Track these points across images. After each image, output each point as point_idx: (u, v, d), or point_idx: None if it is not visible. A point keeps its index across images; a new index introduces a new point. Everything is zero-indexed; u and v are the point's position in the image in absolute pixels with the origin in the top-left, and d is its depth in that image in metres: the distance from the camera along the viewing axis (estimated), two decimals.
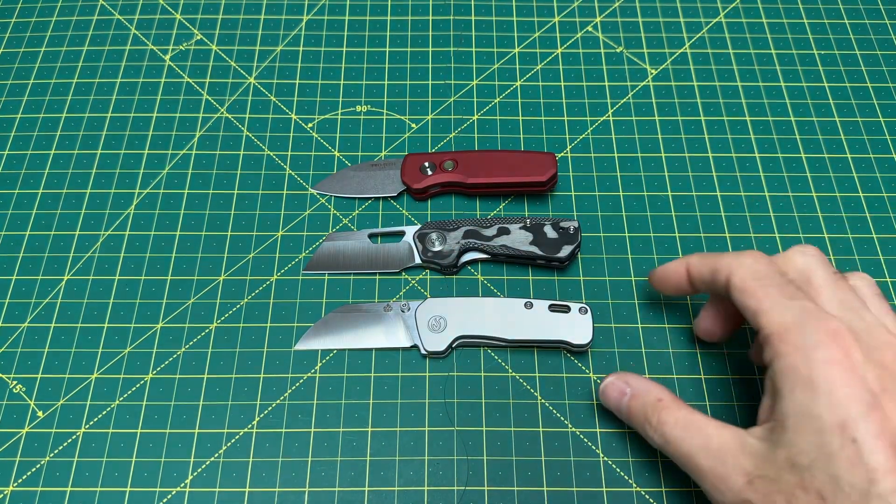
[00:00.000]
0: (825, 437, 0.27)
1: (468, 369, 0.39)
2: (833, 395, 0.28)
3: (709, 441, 0.31)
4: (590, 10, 0.52)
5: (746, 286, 0.32)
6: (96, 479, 0.36)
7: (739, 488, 0.29)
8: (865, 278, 0.33)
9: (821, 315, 0.30)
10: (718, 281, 0.33)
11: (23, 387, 0.38)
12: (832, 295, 0.31)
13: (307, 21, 0.51)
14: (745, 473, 0.29)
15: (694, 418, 0.32)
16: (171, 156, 0.45)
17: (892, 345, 0.30)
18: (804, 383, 0.28)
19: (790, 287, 0.31)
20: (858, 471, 0.27)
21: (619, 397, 0.35)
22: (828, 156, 0.46)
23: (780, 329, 0.30)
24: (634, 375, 0.35)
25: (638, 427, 0.34)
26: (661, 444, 0.33)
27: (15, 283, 0.41)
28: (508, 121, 0.47)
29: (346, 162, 0.45)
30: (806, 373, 0.28)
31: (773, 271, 0.32)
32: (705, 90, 0.48)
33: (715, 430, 0.31)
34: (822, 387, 0.28)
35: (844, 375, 0.28)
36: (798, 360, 0.29)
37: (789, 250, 0.33)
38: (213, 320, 0.40)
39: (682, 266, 0.36)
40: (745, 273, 0.32)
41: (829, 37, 0.50)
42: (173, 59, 0.49)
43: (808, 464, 0.28)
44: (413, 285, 0.41)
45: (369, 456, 0.36)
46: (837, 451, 0.27)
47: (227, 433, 0.37)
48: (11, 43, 0.50)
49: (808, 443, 0.28)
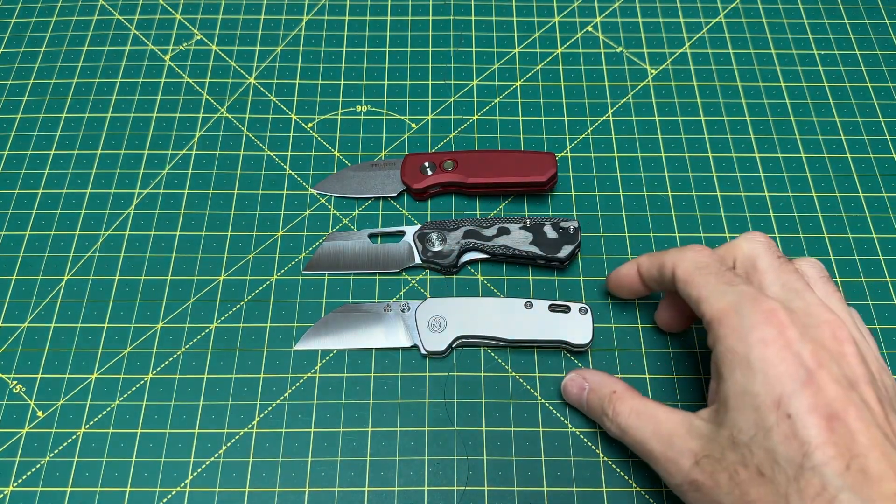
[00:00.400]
0: (762, 413, 0.28)
1: (468, 369, 0.39)
2: (768, 372, 0.29)
3: (659, 426, 0.32)
4: (590, 10, 0.52)
5: (688, 277, 0.33)
6: (96, 479, 0.36)
7: (688, 469, 0.30)
8: (813, 262, 0.34)
9: (757, 297, 0.31)
10: (666, 277, 0.35)
11: (23, 387, 0.38)
12: (776, 278, 0.32)
13: (307, 21, 0.51)
14: (692, 455, 0.30)
15: (646, 406, 0.33)
16: (171, 156, 0.45)
17: (831, 322, 0.30)
18: (742, 364, 0.29)
19: (728, 274, 0.32)
20: (793, 445, 0.27)
21: (580, 393, 0.36)
22: (828, 156, 0.46)
23: (718, 314, 0.31)
24: (592, 371, 0.37)
25: (597, 420, 0.36)
26: (618, 433, 0.34)
27: (15, 283, 0.41)
28: (508, 121, 0.47)
29: (346, 162, 0.45)
30: (743, 353, 0.29)
31: (714, 261, 0.33)
32: (705, 90, 0.48)
33: (665, 415, 0.32)
34: (757, 365, 0.29)
35: (779, 353, 0.29)
36: (735, 341, 0.30)
37: (738, 238, 0.35)
38: (213, 320, 0.40)
39: (633, 268, 0.37)
40: (687, 265, 0.33)
41: (829, 37, 0.50)
42: (173, 59, 0.49)
43: (747, 441, 0.28)
44: (413, 285, 0.41)
45: (369, 456, 0.36)
46: (773, 426, 0.28)
47: (227, 433, 0.37)
48: (11, 43, 0.50)
49: (746, 420, 0.29)
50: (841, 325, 0.30)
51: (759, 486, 0.28)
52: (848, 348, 0.30)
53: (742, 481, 0.28)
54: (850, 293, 0.41)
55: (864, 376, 0.29)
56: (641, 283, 0.37)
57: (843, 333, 0.30)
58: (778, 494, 0.27)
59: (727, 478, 0.29)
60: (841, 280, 0.41)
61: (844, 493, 0.26)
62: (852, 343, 0.30)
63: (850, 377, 0.29)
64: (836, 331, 0.30)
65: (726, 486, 0.29)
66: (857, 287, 0.41)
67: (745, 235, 0.34)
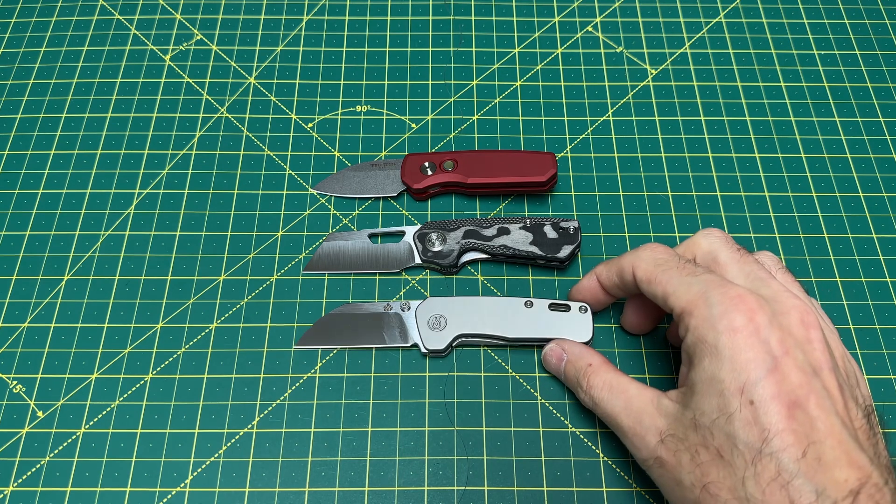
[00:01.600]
0: (726, 399, 0.29)
1: (468, 369, 0.39)
2: (735, 360, 0.29)
3: (630, 402, 0.33)
4: (590, 10, 0.52)
5: (651, 275, 0.34)
6: (96, 479, 0.36)
7: (654, 446, 0.31)
8: (770, 255, 0.35)
9: (724, 283, 0.31)
10: (627, 281, 0.35)
11: (23, 387, 0.38)
12: (738, 270, 0.33)
13: (307, 21, 0.51)
14: (658, 432, 0.31)
15: (619, 380, 0.34)
16: (171, 156, 0.45)
17: (798, 308, 0.31)
18: (711, 352, 0.30)
19: (689, 266, 0.33)
20: (753, 430, 0.28)
21: (558, 363, 0.37)
22: (828, 156, 0.46)
23: (688, 305, 0.31)
24: (571, 342, 0.37)
25: (573, 389, 0.37)
26: (591, 405, 0.35)
27: (15, 283, 0.41)
28: (508, 121, 0.47)
29: (346, 162, 0.45)
30: (712, 342, 0.30)
31: (671, 256, 0.34)
32: (705, 90, 0.48)
33: (636, 390, 0.33)
34: (725, 353, 0.29)
35: (747, 341, 0.29)
36: (705, 330, 0.30)
37: (693, 236, 0.35)
38: (213, 320, 0.40)
39: (592, 279, 0.38)
40: (646, 265, 0.34)
41: (829, 37, 0.50)
42: (173, 59, 0.49)
43: (709, 424, 0.29)
44: (413, 285, 0.41)
45: (369, 456, 0.36)
46: (735, 412, 0.29)
47: (227, 433, 0.37)
48: (11, 43, 0.50)
49: (710, 405, 0.29)
50: (808, 309, 0.31)
51: (718, 468, 0.29)
52: (814, 334, 0.30)
53: (702, 462, 0.29)
54: (850, 293, 0.41)
55: (827, 363, 0.30)
56: (604, 292, 0.38)
57: (811, 318, 0.30)
58: (735, 477, 0.28)
59: (689, 458, 0.30)
60: (841, 280, 0.41)
61: (798, 478, 0.27)
62: (818, 328, 0.30)
63: (814, 364, 0.29)
64: (805, 316, 0.30)
65: (688, 465, 0.30)
66: (857, 287, 0.41)
67: (701, 232, 0.35)
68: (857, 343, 0.39)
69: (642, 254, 0.35)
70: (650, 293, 0.34)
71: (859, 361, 0.39)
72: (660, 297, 0.33)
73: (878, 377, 0.38)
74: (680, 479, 0.30)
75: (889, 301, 0.41)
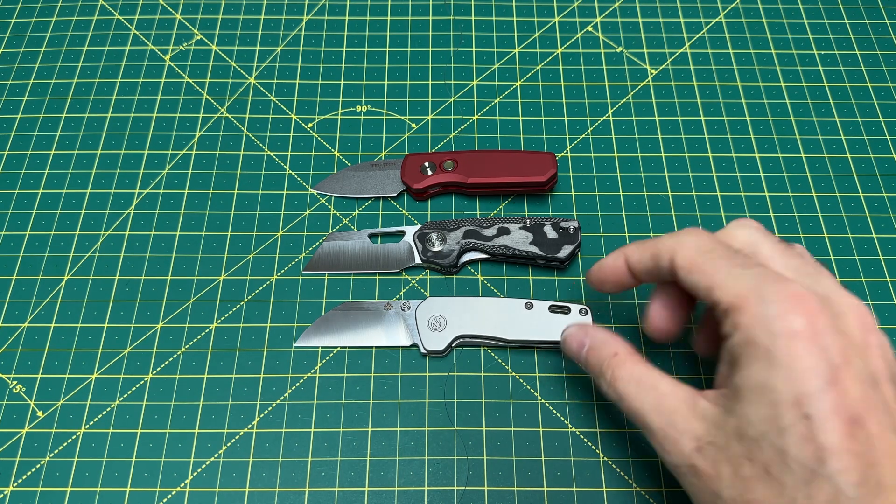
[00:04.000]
0: (779, 410, 0.26)
1: (468, 369, 0.39)
2: (792, 368, 0.26)
3: (661, 400, 0.30)
4: (590, 10, 0.52)
5: (694, 263, 0.30)
6: (96, 479, 0.36)
7: (688, 453, 0.28)
8: (803, 249, 0.32)
9: (780, 279, 0.28)
10: (662, 266, 0.32)
11: (23, 387, 0.38)
12: (785, 263, 0.30)
13: (307, 21, 0.51)
14: (695, 438, 0.28)
15: (649, 374, 0.31)
16: (171, 156, 0.45)
17: (856, 308, 0.28)
18: (764, 355, 0.27)
19: (739, 256, 0.29)
20: (808, 448, 0.25)
21: (579, 349, 0.34)
22: (828, 156, 0.46)
23: (736, 300, 0.28)
24: (595, 327, 0.34)
25: (595, 379, 0.34)
26: (615, 398, 0.32)
27: (15, 283, 0.41)
28: (508, 121, 0.47)
29: (346, 162, 0.45)
30: (766, 345, 0.27)
31: (718, 244, 0.30)
32: (705, 90, 0.48)
33: (669, 388, 0.30)
34: (781, 360, 0.26)
35: (806, 347, 0.26)
36: (758, 331, 0.27)
37: (728, 226, 0.32)
38: (213, 320, 0.40)
39: (619, 258, 0.34)
40: (688, 251, 0.30)
41: (829, 37, 0.50)
42: (173, 59, 0.49)
43: (756, 436, 0.26)
44: (413, 285, 0.41)
45: (369, 456, 0.36)
46: (789, 426, 0.26)
47: (227, 433, 0.37)
48: (11, 43, 0.50)
49: (760, 415, 0.27)
50: (866, 311, 0.28)
51: (765, 485, 0.26)
52: (873, 338, 0.28)
53: (747, 477, 0.27)
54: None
55: (885, 372, 0.27)
56: (629, 274, 0.34)
57: (870, 321, 0.28)
58: (784, 496, 0.26)
59: (730, 471, 0.27)
60: (841, 280, 0.41)
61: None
62: (877, 332, 0.28)
63: (874, 374, 0.27)
64: (864, 318, 0.28)
65: (728, 478, 0.27)
66: (857, 287, 0.41)
67: (736, 223, 0.32)
68: None
69: (685, 238, 0.31)
70: (690, 283, 0.30)
71: None
72: (703, 288, 0.29)
73: None
74: (718, 492, 0.27)
75: (889, 301, 0.41)
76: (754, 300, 0.28)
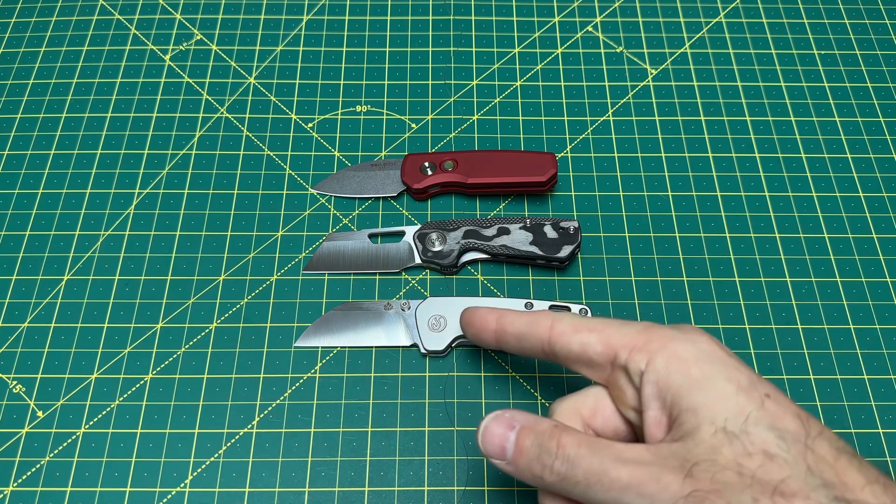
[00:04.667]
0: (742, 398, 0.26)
1: (468, 369, 0.39)
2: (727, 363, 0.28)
3: (621, 452, 0.27)
4: (590, 10, 0.52)
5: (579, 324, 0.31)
6: (96, 479, 0.36)
7: (680, 484, 0.25)
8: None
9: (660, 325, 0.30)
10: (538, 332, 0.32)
11: (23, 387, 0.38)
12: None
13: (307, 21, 0.51)
14: (677, 468, 0.26)
15: (596, 438, 0.28)
16: (171, 156, 0.45)
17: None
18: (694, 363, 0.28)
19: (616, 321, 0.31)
20: (788, 419, 0.26)
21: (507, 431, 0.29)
22: (828, 156, 0.46)
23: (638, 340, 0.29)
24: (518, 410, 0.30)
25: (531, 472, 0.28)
26: (564, 469, 0.27)
27: (15, 283, 0.41)
28: (508, 121, 0.47)
29: (346, 162, 0.45)
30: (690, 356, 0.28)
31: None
32: (705, 90, 0.48)
33: (622, 444, 0.27)
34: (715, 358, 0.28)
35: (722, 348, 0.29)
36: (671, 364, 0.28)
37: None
38: (213, 320, 0.40)
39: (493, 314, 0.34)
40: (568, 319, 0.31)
41: (829, 37, 0.50)
42: (173, 59, 0.49)
43: (738, 430, 0.26)
44: (413, 285, 0.41)
45: (369, 456, 0.36)
46: (759, 406, 0.26)
47: (227, 433, 0.37)
48: (11, 43, 0.50)
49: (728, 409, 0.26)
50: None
51: (778, 466, 0.25)
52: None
53: (755, 469, 0.25)
54: (850, 293, 0.41)
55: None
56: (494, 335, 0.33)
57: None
58: (797, 465, 0.25)
59: (735, 475, 0.25)
60: (841, 280, 0.41)
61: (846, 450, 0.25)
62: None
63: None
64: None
65: (738, 483, 0.25)
66: (857, 287, 0.41)
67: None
68: (857, 343, 0.39)
69: (560, 315, 0.32)
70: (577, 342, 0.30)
71: (860, 362, 0.39)
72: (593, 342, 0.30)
73: (878, 377, 0.38)
74: (738, 500, 0.25)
75: (889, 301, 0.41)
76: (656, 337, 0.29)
